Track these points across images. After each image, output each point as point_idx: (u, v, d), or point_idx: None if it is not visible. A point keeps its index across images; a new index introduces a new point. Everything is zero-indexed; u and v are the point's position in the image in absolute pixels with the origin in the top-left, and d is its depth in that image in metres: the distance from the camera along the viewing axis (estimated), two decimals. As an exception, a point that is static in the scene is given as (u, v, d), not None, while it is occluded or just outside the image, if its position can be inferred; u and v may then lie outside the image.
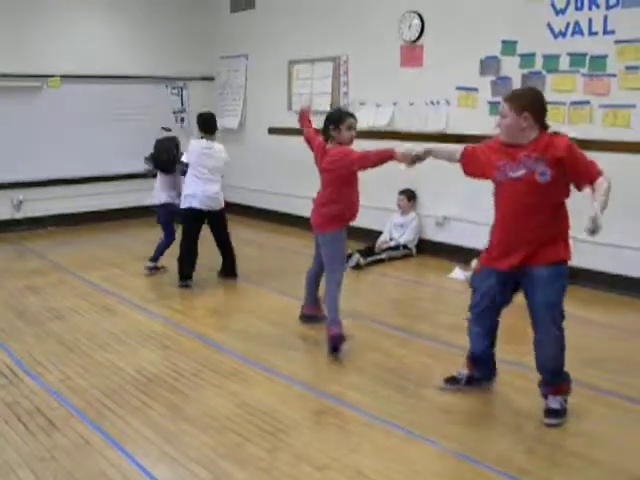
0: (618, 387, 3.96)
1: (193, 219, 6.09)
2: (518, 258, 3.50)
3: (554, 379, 3.59)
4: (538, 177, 3.40)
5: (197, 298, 5.86)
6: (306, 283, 5.01)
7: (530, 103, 3.46)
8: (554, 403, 3.56)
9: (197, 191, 6.03)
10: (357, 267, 6.54)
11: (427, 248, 7.23)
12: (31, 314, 5.33)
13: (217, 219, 6.23)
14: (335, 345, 4.39)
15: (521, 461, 3.15)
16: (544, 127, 3.49)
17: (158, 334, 4.89)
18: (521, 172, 3.44)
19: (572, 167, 3.44)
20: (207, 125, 6.24)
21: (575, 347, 4.59)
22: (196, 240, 6.15)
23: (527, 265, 3.50)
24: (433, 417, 3.60)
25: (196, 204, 6.03)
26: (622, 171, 5.71)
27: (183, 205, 6.10)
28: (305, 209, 7.66)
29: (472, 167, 3.75)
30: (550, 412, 3.54)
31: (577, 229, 6.05)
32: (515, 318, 5.44)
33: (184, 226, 6.17)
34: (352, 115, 4.63)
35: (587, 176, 3.47)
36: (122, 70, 9.25)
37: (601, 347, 4.65)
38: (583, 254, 6.00)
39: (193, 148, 6.15)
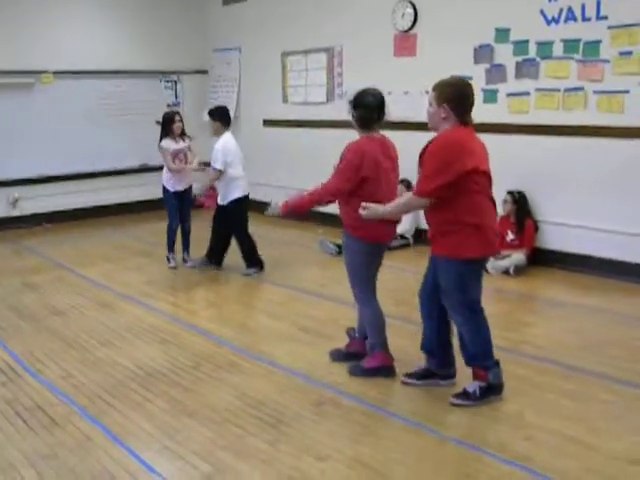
0: (617, 372, 3.97)
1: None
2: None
3: (470, 362, 3.66)
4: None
5: (196, 292, 5.87)
6: None
7: (451, 96, 3.44)
8: (469, 386, 3.64)
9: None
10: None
11: (425, 238, 7.20)
12: (30, 311, 5.33)
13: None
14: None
15: (522, 447, 3.16)
16: (464, 122, 3.47)
17: (157, 328, 4.90)
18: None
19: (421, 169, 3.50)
20: (229, 118, 6.36)
21: (574, 333, 4.64)
22: None
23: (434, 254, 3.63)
24: (433, 406, 3.62)
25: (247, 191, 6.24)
26: (617, 156, 5.74)
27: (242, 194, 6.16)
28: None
29: None
30: (459, 393, 3.63)
31: (568, 215, 6.09)
32: (511, 306, 5.49)
33: (242, 216, 6.23)
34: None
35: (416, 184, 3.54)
36: (115, 65, 9.22)
37: (600, 333, 4.67)
38: (580, 240, 6.05)
39: (233, 144, 6.20)
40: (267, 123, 9.22)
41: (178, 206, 6.55)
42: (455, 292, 3.55)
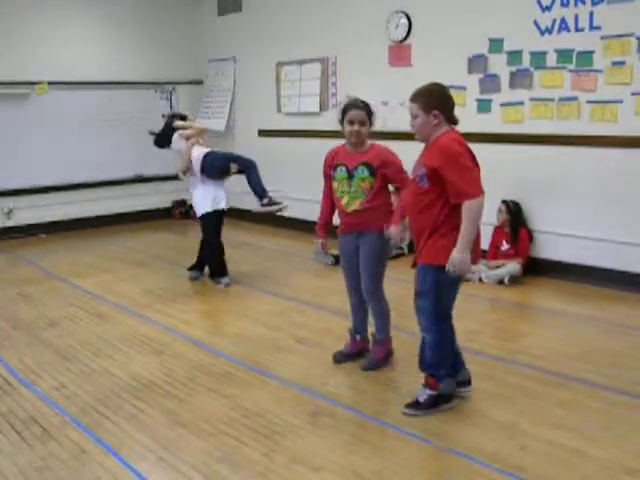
0: (609, 381, 3.98)
1: None
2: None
3: (425, 369, 3.68)
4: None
5: (190, 302, 5.86)
6: None
7: (437, 101, 3.45)
8: (420, 395, 3.66)
9: None
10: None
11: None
12: (24, 322, 5.32)
13: None
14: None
15: (515, 457, 3.16)
16: (454, 122, 3.51)
17: (152, 340, 4.89)
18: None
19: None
20: None
21: (568, 342, 4.65)
22: None
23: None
24: (427, 416, 3.61)
25: None
26: (610, 166, 5.77)
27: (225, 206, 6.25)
28: (297, 211, 7.72)
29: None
30: (411, 403, 3.66)
31: (562, 225, 6.11)
32: (505, 315, 5.50)
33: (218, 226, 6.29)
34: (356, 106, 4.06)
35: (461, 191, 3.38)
36: (110, 76, 9.24)
37: (594, 341, 4.67)
38: (574, 249, 6.07)
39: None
40: (262, 133, 9.24)
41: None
42: (430, 298, 3.51)
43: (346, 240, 4.23)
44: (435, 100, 3.45)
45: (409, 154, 3.97)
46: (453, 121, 3.51)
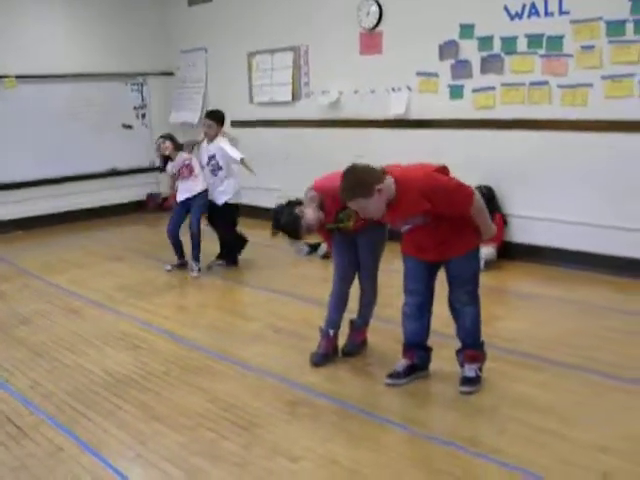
0: (586, 363, 4.01)
1: None
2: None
3: (472, 346, 3.77)
4: None
5: (165, 296, 5.81)
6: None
7: (370, 180, 3.35)
8: (470, 372, 3.73)
9: None
10: (325, 257, 6.54)
11: (397, 235, 7.23)
12: (-3, 320, 5.25)
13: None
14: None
15: (494, 440, 3.18)
16: (384, 173, 3.46)
17: (127, 334, 4.84)
18: None
19: None
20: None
21: (544, 324, 4.68)
22: None
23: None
24: (404, 403, 3.63)
25: None
26: (581, 149, 5.81)
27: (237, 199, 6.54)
28: (269, 200, 7.66)
29: None
30: (465, 380, 3.71)
31: (535, 208, 6.16)
32: (482, 300, 5.49)
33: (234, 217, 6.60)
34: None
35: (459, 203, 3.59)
36: (80, 68, 9.09)
37: (569, 324, 4.71)
38: (547, 233, 6.12)
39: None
40: (235, 124, 9.17)
41: (178, 213, 6.57)
42: (477, 275, 3.73)
43: (341, 233, 4.10)
44: (368, 183, 3.33)
45: (379, 142, 3.98)
46: (383, 174, 3.40)
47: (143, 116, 9.82)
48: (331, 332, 4.23)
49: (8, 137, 8.54)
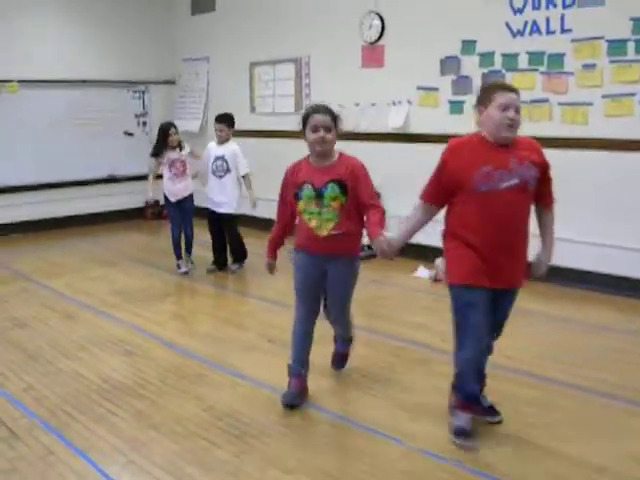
0: (580, 380, 4.02)
1: None
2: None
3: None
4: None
5: (161, 303, 5.80)
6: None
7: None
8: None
9: None
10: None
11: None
12: (-8, 324, 5.23)
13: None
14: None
15: (486, 456, 3.17)
16: None
17: (122, 340, 4.83)
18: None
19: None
20: None
21: (536, 341, 4.68)
22: None
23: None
24: (398, 416, 3.61)
25: None
26: (581, 168, 5.83)
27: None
28: (268, 212, 7.66)
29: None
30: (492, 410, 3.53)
31: (536, 227, 6.13)
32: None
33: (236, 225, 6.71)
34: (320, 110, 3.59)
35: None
36: (82, 75, 9.12)
37: (562, 341, 4.71)
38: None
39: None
40: (236, 134, 9.18)
41: (176, 214, 6.66)
42: None
43: (312, 261, 3.69)
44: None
45: (380, 155, 3.99)
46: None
47: (144, 124, 9.84)
48: (302, 371, 3.82)
49: (8, 141, 8.54)
